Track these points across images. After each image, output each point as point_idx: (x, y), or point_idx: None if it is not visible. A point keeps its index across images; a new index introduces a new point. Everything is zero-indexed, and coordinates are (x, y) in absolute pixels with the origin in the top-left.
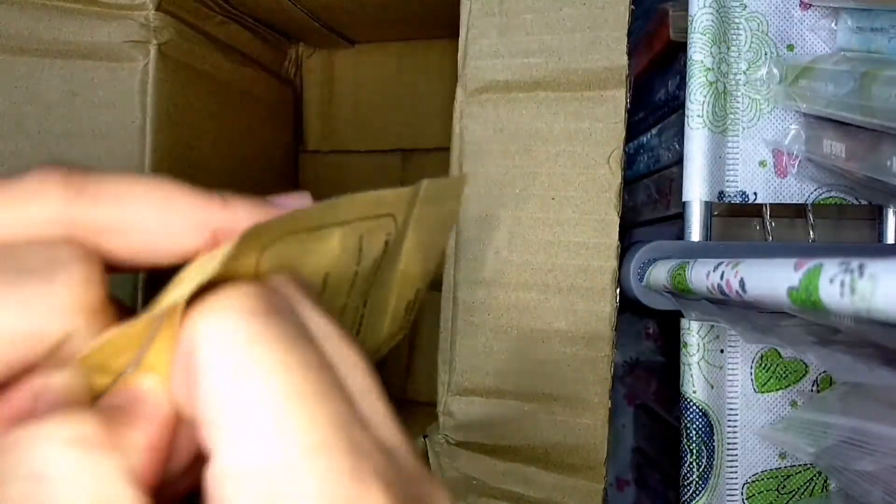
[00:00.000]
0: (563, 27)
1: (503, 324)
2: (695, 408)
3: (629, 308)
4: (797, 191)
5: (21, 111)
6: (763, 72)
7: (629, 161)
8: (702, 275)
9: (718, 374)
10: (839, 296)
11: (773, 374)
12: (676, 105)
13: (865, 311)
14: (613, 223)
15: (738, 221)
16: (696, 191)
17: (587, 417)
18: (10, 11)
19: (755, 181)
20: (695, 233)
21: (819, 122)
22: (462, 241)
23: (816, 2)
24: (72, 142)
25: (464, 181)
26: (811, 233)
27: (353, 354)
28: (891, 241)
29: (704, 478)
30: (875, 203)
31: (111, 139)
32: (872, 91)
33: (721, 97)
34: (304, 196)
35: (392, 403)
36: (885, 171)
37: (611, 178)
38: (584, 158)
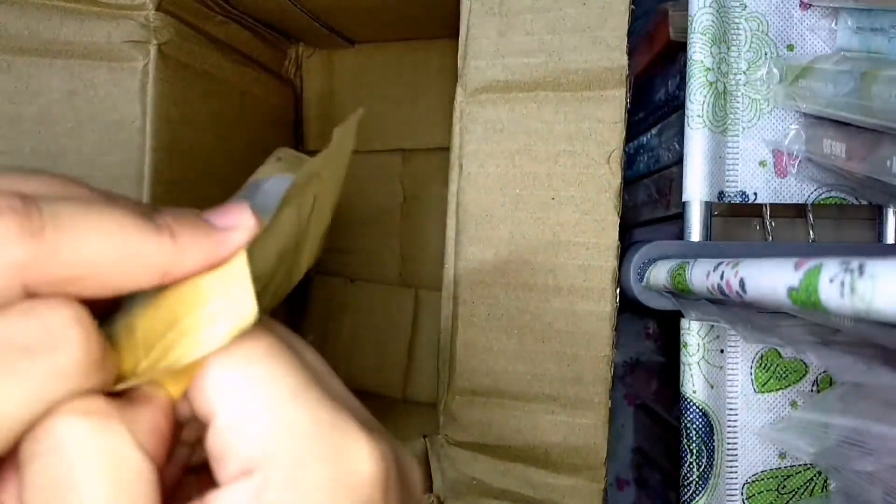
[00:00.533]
0: (563, 27)
1: (503, 324)
2: (695, 408)
3: (629, 308)
4: (797, 191)
5: (21, 111)
6: (763, 72)
7: (629, 161)
8: (702, 275)
9: (718, 374)
10: (839, 296)
11: (773, 374)
12: (676, 105)
13: (865, 311)
14: (613, 223)
15: (738, 221)
16: (696, 191)
17: (587, 417)
18: (10, 11)
19: (755, 181)
20: (695, 233)
21: (819, 122)
22: (462, 241)
23: (816, 2)
24: (72, 142)
25: (356, 120)
26: (811, 233)
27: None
28: (891, 241)
29: (704, 478)
30: (875, 203)
31: (111, 139)
32: (872, 91)
33: (721, 97)
34: (243, 209)
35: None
36: (885, 171)
37: (611, 178)
38: (584, 158)
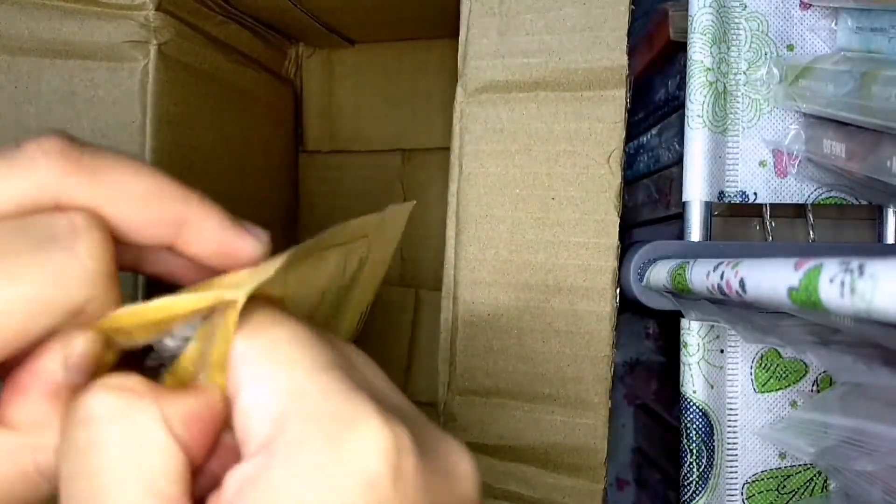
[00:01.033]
0: (563, 27)
1: (503, 324)
2: (695, 408)
3: (629, 308)
4: (797, 191)
5: (21, 111)
6: (763, 72)
7: (629, 161)
8: (702, 275)
9: (718, 374)
10: (839, 296)
11: (773, 374)
12: (676, 105)
13: (865, 311)
14: (613, 223)
15: (738, 221)
16: (696, 191)
17: (587, 417)
18: (10, 11)
19: (755, 181)
20: (695, 233)
21: (819, 122)
22: (462, 241)
23: (816, 2)
24: None
25: (411, 207)
26: (811, 233)
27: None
28: (891, 241)
29: (704, 478)
30: (875, 203)
31: (111, 139)
32: (872, 91)
33: (721, 97)
34: (262, 234)
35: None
36: (885, 171)
37: (611, 178)
38: (584, 158)
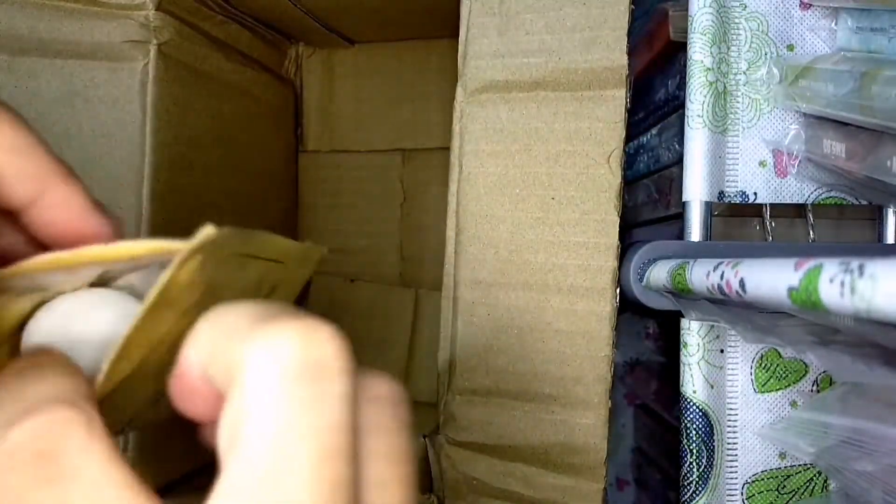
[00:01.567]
0: (563, 27)
1: (503, 324)
2: (695, 408)
3: (629, 308)
4: (797, 191)
5: (21, 111)
6: (763, 72)
7: (629, 161)
8: (702, 275)
9: (718, 374)
10: (839, 296)
11: (773, 374)
12: (676, 105)
13: (865, 311)
14: (613, 223)
15: (738, 221)
16: (696, 191)
17: (587, 417)
18: (10, 11)
19: (755, 181)
20: (695, 233)
21: (819, 122)
22: (462, 241)
23: (816, 2)
24: (72, 141)
25: (324, 251)
26: (811, 233)
27: (395, 449)
28: (891, 241)
29: (704, 478)
30: (875, 203)
31: (111, 139)
32: (872, 91)
33: (721, 97)
34: (116, 222)
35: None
36: (885, 171)
37: (611, 178)
38: (584, 158)
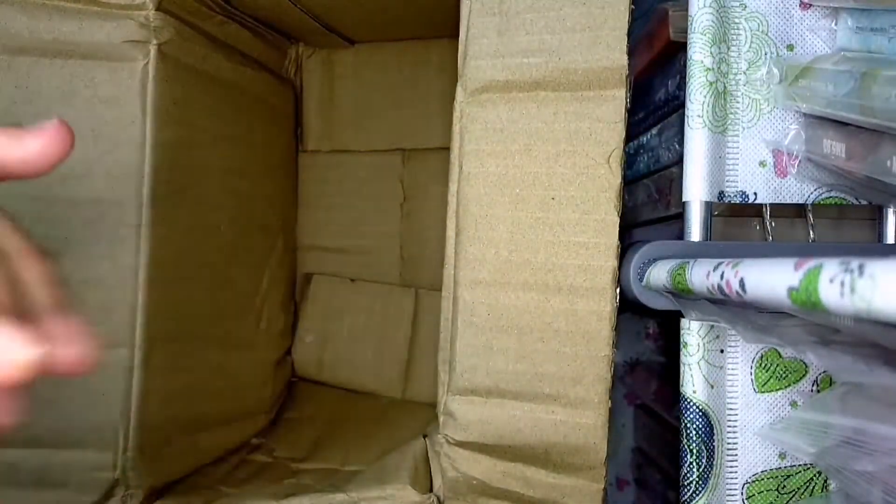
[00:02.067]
0: (563, 27)
1: (503, 324)
2: (695, 408)
3: (629, 308)
4: (797, 191)
5: (21, 111)
6: (763, 72)
7: (629, 161)
8: (702, 275)
9: (718, 374)
10: (839, 296)
11: (773, 374)
12: (676, 105)
13: (865, 311)
14: (613, 223)
15: (738, 221)
16: (696, 191)
17: (587, 417)
18: (10, 11)
19: (755, 181)
20: (695, 233)
21: (819, 122)
22: (462, 241)
23: (816, 2)
24: None
25: None
26: (811, 233)
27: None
28: (891, 241)
29: (704, 478)
30: (875, 203)
31: (111, 139)
32: (872, 91)
33: (721, 97)
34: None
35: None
36: (885, 171)
37: (611, 178)
38: (584, 158)
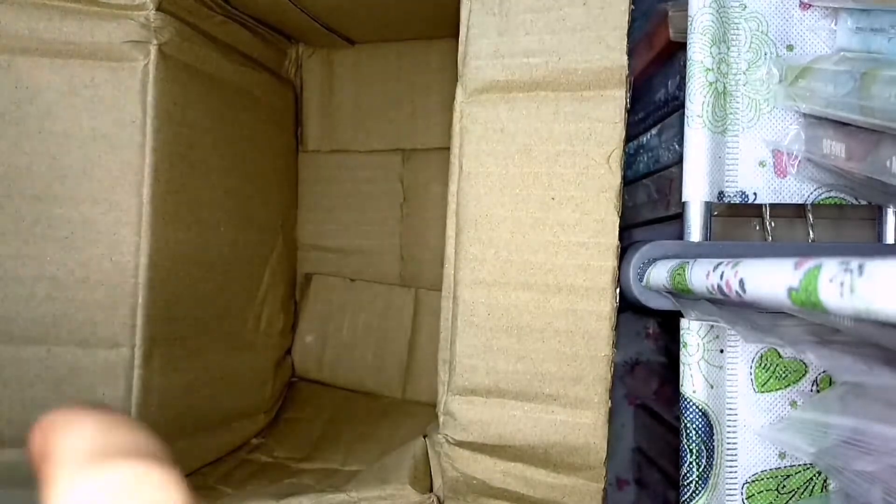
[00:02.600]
0: (563, 27)
1: (503, 324)
2: (694, 408)
3: (629, 308)
4: (797, 191)
5: (21, 111)
6: (763, 72)
7: (629, 161)
8: (702, 275)
9: (718, 374)
10: (839, 296)
11: (773, 374)
12: (676, 105)
13: (865, 311)
14: (613, 223)
15: (738, 221)
16: (696, 191)
17: (587, 417)
18: (10, 11)
19: (755, 181)
20: (695, 233)
21: (819, 122)
22: (462, 241)
23: (816, 2)
24: (72, 142)
25: None
26: (811, 233)
27: None
28: (891, 241)
29: (704, 477)
30: (875, 203)
31: (111, 139)
32: (872, 91)
33: (721, 97)
34: None
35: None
36: (885, 171)
37: (611, 178)
38: (584, 158)
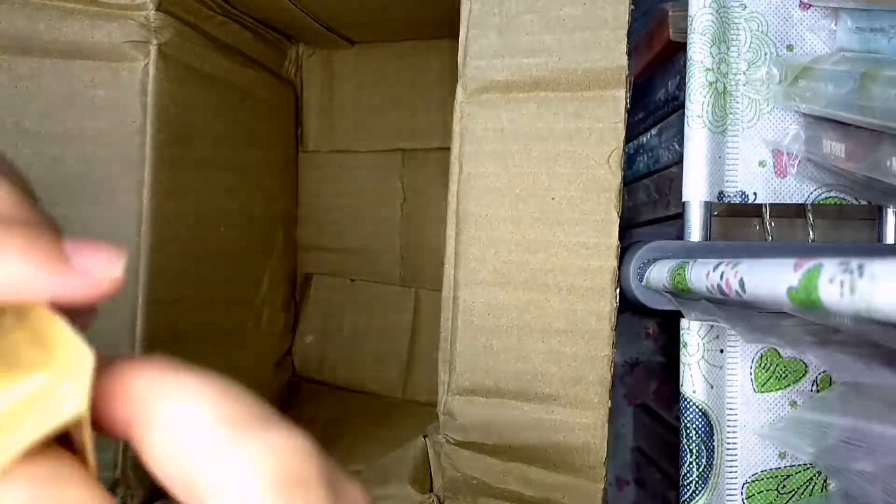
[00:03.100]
0: (563, 27)
1: (503, 324)
2: (694, 408)
3: (629, 308)
4: (797, 191)
5: (21, 111)
6: (763, 72)
7: (629, 161)
8: (701, 275)
9: (718, 374)
10: (839, 296)
11: (773, 374)
12: (676, 105)
13: (865, 311)
14: (613, 223)
15: (738, 221)
16: (696, 191)
17: (587, 417)
18: (10, 11)
19: (755, 181)
20: (695, 233)
21: (819, 122)
22: (462, 241)
23: (816, 2)
24: (72, 142)
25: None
26: (811, 233)
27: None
28: (891, 241)
29: (704, 477)
30: (875, 203)
31: (111, 139)
32: (872, 91)
33: (721, 97)
34: (114, 254)
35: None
36: (885, 171)
37: (611, 178)
38: (584, 158)
